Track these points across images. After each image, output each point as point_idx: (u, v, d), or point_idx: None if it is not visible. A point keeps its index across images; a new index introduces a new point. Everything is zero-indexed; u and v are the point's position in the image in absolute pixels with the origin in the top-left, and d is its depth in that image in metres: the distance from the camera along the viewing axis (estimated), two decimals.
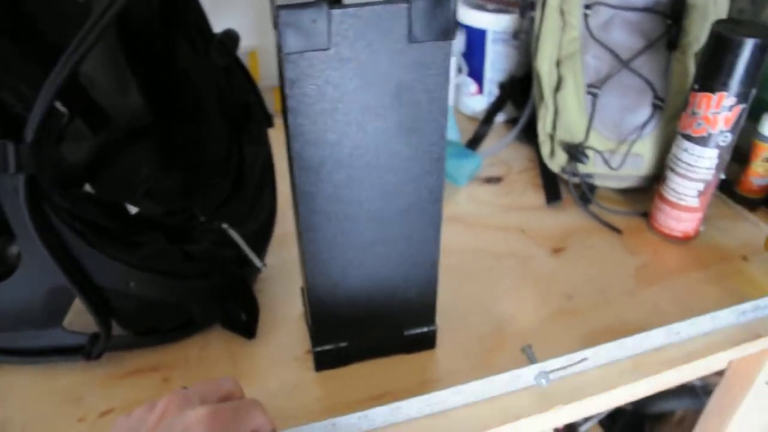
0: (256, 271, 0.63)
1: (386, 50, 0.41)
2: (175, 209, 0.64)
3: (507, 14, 0.87)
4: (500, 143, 0.88)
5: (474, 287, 0.66)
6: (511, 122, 0.94)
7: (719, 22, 0.62)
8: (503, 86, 0.92)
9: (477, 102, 0.96)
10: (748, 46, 0.60)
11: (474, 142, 0.90)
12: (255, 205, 0.63)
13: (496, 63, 0.91)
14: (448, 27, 0.42)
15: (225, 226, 0.61)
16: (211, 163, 0.65)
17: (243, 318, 0.60)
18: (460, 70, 0.91)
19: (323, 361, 0.57)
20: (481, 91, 0.94)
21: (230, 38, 0.60)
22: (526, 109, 0.87)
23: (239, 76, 0.62)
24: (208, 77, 0.62)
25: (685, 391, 1.24)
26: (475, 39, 0.90)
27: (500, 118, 0.95)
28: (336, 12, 0.39)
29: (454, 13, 0.41)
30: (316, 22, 0.39)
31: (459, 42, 0.87)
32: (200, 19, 0.61)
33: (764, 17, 0.76)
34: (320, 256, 0.50)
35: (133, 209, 0.56)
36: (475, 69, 0.93)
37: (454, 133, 0.85)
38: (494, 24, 0.87)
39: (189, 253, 0.57)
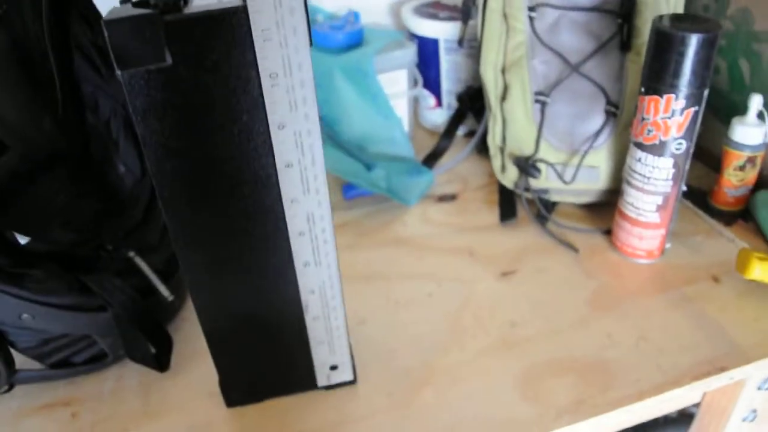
0: (169, 302, 0.59)
1: None
2: (88, 238, 0.60)
3: (459, 21, 0.82)
4: (457, 157, 0.83)
5: (408, 316, 0.61)
6: (472, 135, 0.89)
7: (662, 18, 0.57)
8: (461, 97, 0.87)
9: (437, 115, 0.91)
10: (693, 41, 0.54)
11: (433, 158, 0.85)
12: (167, 232, 0.59)
13: (452, 73, 0.86)
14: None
15: (131, 254, 0.57)
16: (124, 189, 0.61)
17: (152, 351, 0.56)
18: (416, 83, 0.86)
19: (233, 398, 0.53)
20: (440, 103, 0.90)
21: None
22: (483, 121, 0.82)
23: None
24: (115, 100, 0.59)
25: (684, 419, 1.17)
26: (428, 49, 0.85)
27: (462, 131, 0.90)
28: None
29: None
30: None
31: (411, 53, 0.82)
32: (102, 42, 0.57)
33: (729, 14, 0.70)
34: (199, 283, 0.46)
35: (23, 240, 0.53)
36: (431, 81, 0.88)
37: (407, 148, 0.80)
38: (446, 33, 0.83)
39: (86, 283, 0.53)
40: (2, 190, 0.62)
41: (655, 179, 0.61)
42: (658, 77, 0.57)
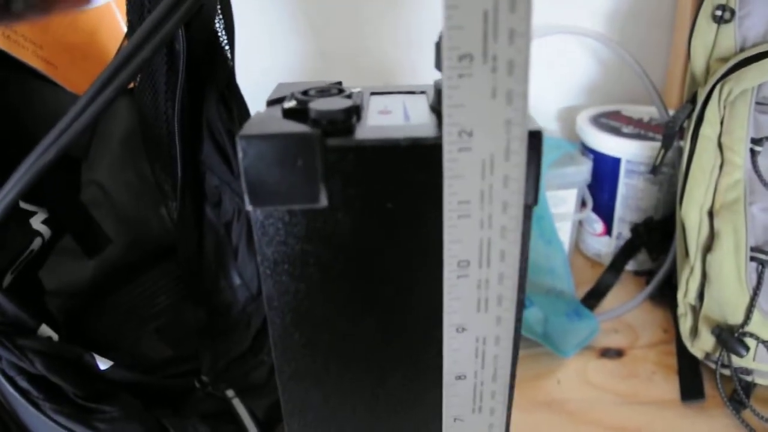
0: None
1: None
2: (183, 356, 0.51)
3: (647, 141, 0.69)
4: (627, 304, 0.69)
5: None
6: (644, 274, 0.74)
7: None
8: (637, 229, 0.73)
9: (602, 244, 0.77)
10: None
11: (593, 297, 0.71)
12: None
13: (630, 199, 0.72)
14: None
15: (230, 393, 0.46)
16: (235, 305, 0.51)
17: None
18: (584, 204, 0.73)
19: None
20: (608, 231, 0.76)
21: None
22: (665, 263, 0.67)
23: None
24: (242, 200, 0.49)
25: None
26: (605, 168, 0.72)
27: (630, 266, 0.76)
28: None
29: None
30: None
31: (586, 171, 0.70)
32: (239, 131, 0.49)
33: None
34: None
35: (103, 364, 0.43)
36: (602, 204, 0.75)
37: (568, 283, 0.67)
38: (630, 152, 0.69)
39: (167, 428, 0.42)
40: (99, 285, 0.53)
41: None
42: None
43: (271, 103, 0.28)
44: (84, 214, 0.49)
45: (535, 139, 0.24)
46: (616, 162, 0.71)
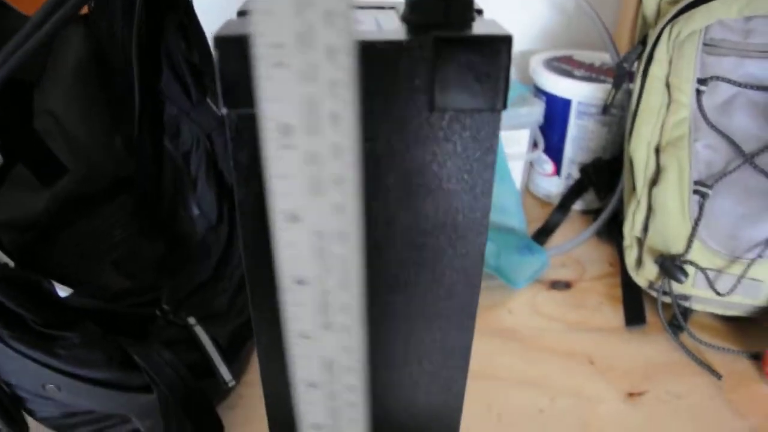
0: (227, 385, 0.48)
1: None
2: (143, 288, 0.51)
3: (598, 83, 0.71)
4: (575, 239, 0.71)
5: None
6: (592, 213, 0.77)
7: None
8: (585, 169, 0.75)
9: (552, 184, 0.80)
10: None
11: (543, 234, 0.73)
12: (238, 297, 0.49)
13: (580, 140, 0.74)
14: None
15: (192, 321, 0.47)
16: (194, 235, 0.51)
17: None
18: (535, 145, 0.75)
19: None
20: (558, 171, 0.78)
21: None
22: (611, 201, 0.70)
23: None
24: (201, 130, 0.49)
25: None
26: (557, 110, 0.74)
27: (578, 206, 0.78)
28: None
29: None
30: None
31: (538, 112, 0.72)
32: (205, 61, 0.48)
33: None
34: (274, 393, 0.35)
35: (63, 292, 0.43)
36: (553, 145, 0.77)
37: (520, 220, 0.69)
38: (581, 94, 0.71)
39: (130, 355, 0.43)
40: (54, 218, 0.53)
41: None
42: None
43: (242, 13, 0.28)
44: (37, 141, 0.49)
45: (503, 43, 0.25)
46: (567, 103, 0.73)
